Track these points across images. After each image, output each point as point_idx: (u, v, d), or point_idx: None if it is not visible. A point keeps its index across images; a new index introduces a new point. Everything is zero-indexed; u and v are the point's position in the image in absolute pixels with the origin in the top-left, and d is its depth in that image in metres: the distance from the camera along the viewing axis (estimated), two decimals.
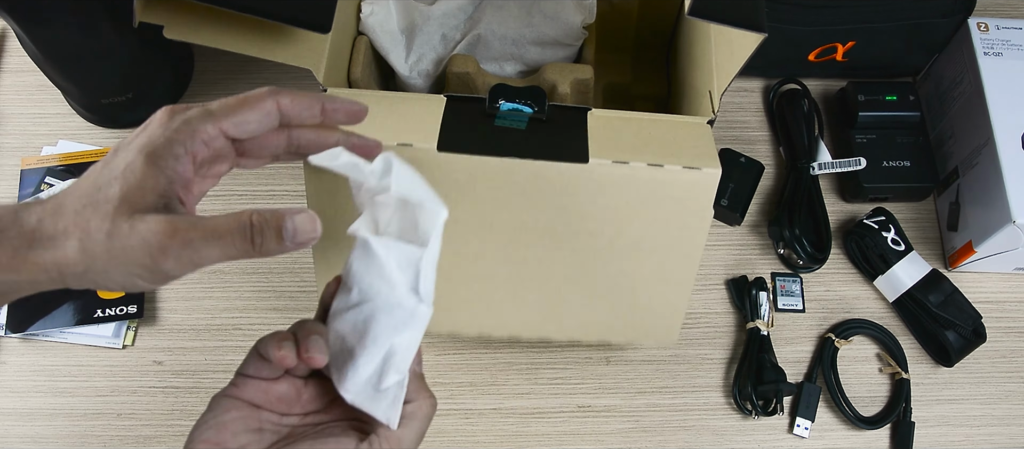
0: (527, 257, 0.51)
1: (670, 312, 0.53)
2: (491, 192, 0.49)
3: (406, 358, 0.37)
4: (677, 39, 0.67)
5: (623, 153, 0.47)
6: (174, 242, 0.33)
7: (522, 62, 0.61)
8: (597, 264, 0.51)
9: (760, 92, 0.73)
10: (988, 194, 0.61)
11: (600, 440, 0.59)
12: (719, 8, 0.41)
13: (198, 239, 0.33)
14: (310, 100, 0.39)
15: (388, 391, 0.37)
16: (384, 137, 0.47)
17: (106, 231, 0.33)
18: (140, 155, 0.34)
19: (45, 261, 0.33)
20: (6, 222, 0.34)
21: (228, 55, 0.72)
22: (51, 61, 0.63)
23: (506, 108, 0.50)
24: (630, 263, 0.51)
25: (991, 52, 0.64)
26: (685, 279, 0.51)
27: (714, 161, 0.47)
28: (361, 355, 0.37)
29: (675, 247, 0.50)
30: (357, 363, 0.37)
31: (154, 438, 0.59)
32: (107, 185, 0.34)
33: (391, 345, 0.37)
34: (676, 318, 0.53)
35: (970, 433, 0.60)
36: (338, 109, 0.40)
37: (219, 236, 0.33)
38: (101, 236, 0.33)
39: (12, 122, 0.70)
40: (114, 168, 0.34)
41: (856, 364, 0.62)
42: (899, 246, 0.63)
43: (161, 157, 0.34)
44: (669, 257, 0.51)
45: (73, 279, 0.34)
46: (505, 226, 0.50)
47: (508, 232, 0.51)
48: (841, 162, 0.66)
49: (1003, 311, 0.65)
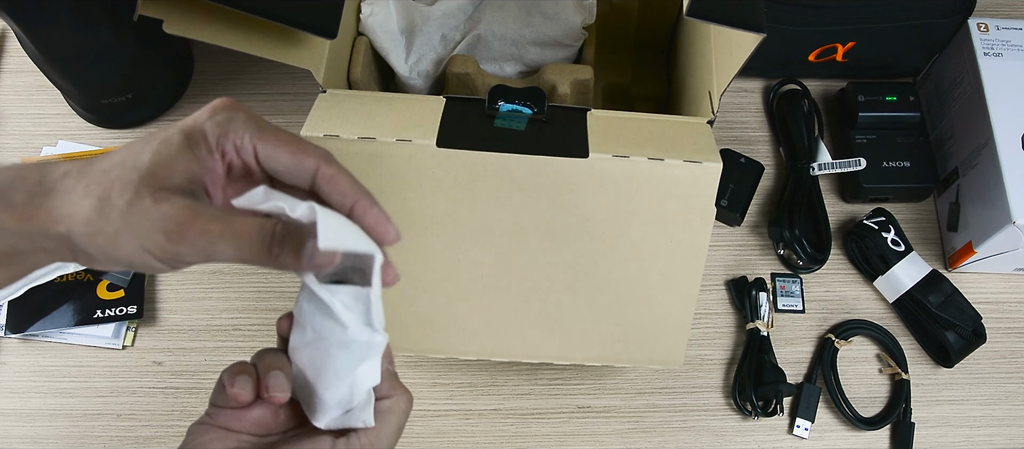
0: (527, 264, 0.50)
1: (675, 328, 0.52)
2: (490, 190, 0.48)
3: (371, 380, 0.37)
4: (677, 39, 0.67)
5: (623, 148, 0.47)
6: (193, 229, 0.32)
7: (522, 62, 0.61)
8: (599, 271, 0.50)
9: (760, 92, 0.73)
10: (988, 194, 0.60)
11: (600, 441, 0.59)
12: (717, 8, 0.41)
13: (217, 233, 0.32)
14: (349, 189, 0.36)
15: (357, 406, 0.38)
16: (383, 134, 0.47)
17: (128, 199, 0.32)
18: (180, 133, 0.34)
19: (59, 212, 0.32)
20: (29, 172, 0.33)
21: (228, 56, 0.73)
22: (51, 61, 0.63)
23: (506, 109, 0.49)
24: (633, 268, 0.50)
25: (991, 52, 0.64)
26: (690, 290, 0.50)
27: (715, 156, 0.47)
28: (325, 390, 0.37)
29: (678, 250, 0.49)
30: (323, 398, 0.37)
31: (154, 439, 0.59)
32: (139, 154, 0.33)
33: (354, 376, 0.37)
34: (681, 335, 0.52)
35: (970, 434, 0.60)
36: (367, 216, 0.36)
37: (238, 236, 0.33)
38: (121, 202, 0.32)
39: (12, 122, 0.70)
40: (151, 140, 0.34)
41: (856, 365, 0.62)
42: (899, 247, 0.63)
43: (197, 144, 0.34)
44: (672, 261, 0.50)
45: (81, 238, 0.32)
46: (504, 228, 0.50)
47: (507, 235, 0.50)
48: (841, 162, 0.66)
49: (1003, 311, 0.65)
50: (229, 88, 0.72)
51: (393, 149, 0.47)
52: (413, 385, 0.60)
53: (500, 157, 0.47)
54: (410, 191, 0.49)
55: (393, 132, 0.47)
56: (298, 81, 0.72)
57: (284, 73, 0.73)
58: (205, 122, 0.34)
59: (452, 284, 0.50)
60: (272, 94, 0.72)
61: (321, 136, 0.47)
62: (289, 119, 0.70)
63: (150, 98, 0.69)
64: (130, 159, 0.33)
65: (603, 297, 0.51)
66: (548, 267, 0.51)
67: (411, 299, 0.51)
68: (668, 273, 0.50)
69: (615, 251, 0.50)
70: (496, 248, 0.50)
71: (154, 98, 0.69)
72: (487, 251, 0.50)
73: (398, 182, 0.48)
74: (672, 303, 0.51)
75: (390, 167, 0.48)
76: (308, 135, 0.47)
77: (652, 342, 0.52)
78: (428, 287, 0.50)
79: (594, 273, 0.50)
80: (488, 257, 0.50)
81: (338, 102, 0.49)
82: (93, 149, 0.67)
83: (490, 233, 0.50)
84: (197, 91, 0.72)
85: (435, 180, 0.48)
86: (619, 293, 0.51)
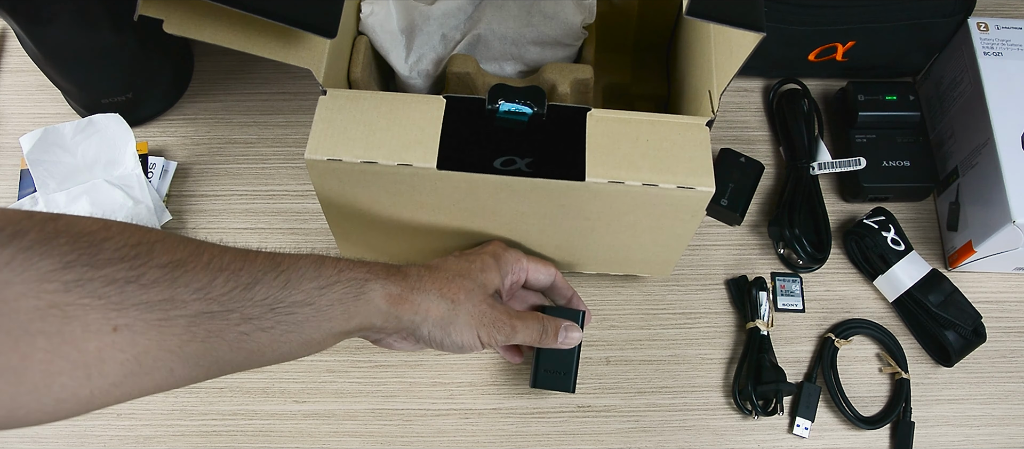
0: (527, 234, 0.54)
1: (666, 254, 0.57)
2: (490, 197, 0.50)
3: None
4: (677, 39, 0.67)
5: (619, 168, 0.48)
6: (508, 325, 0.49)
7: (522, 62, 0.61)
8: (594, 237, 0.54)
9: (760, 92, 0.73)
10: (988, 194, 0.60)
11: (600, 440, 0.59)
12: (717, 8, 0.41)
13: (520, 328, 0.49)
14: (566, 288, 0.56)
15: None
16: (383, 151, 0.48)
17: (473, 302, 0.47)
18: (492, 258, 0.51)
19: (421, 307, 0.45)
20: (403, 272, 0.46)
21: (227, 56, 0.73)
22: (51, 61, 0.63)
23: (506, 108, 0.50)
24: (625, 236, 0.54)
25: (991, 52, 0.64)
26: (679, 242, 0.55)
27: (709, 176, 0.48)
28: None
29: (668, 231, 0.53)
30: None
31: (154, 438, 0.59)
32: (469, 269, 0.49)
33: None
34: (671, 258, 0.58)
35: (970, 433, 0.60)
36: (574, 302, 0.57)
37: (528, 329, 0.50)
38: (469, 304, 0.47)
39: (12, 122, 0.70)
40: (474, 259, 0.50)
41: (856, 364, 0.62)
42: (899, 246, 0.63)
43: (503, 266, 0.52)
44: (660, 236, 0.53)
45: (431, 325, 0.46)
46: (504, 220, 0.52)
47: (507, 222, 0.53)
48: (841, 162, 0.66)
49: (1003, 311, 0.65)
50: (229, 88, 0.72)
51: (394, 170, 0.48)
52: (413, 384, 0.60)
53: (500, 179, 0.48)
54: (414, 194, 0.50)
55: (394, 153, 0.48)
56: (298, 81, 0.72)
57: (284, 73, 0.73)
58: (501, 253, 0.52)
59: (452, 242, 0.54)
60: (272, 94, 0.72)
61: (325, 160, 0.48)
62: (289, 119, 0.70)
63: (150, 98, 0.69)
64: (465, 271, 0.48)
65: (596, 248, 0.56)
66: (546, 236, 0.55)
67: None
68: (658, 239, 0.54)
69: (608, 226, 0.53)
70: (496, 225, 0.53)
71: (154, 98, 0.69)
72: (490, 228, 0.54)
73: (403, 188, 0.50)
74: (663, 248, 0.56)
75: (393, 180, 0.49)
76: (312, 159, 0.48)
77: (643, 262, 0.59)
78: None
79: (590, 240, 0.55)
80: (490, 230, 0.54)
81: (339, 108, 0.49)
82: None
83: (491, 218, 0.53)
84: (197, 91, 0.72)
85: (437, 190, 0.50)
86: (612, 247, 0.56)
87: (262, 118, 0.71)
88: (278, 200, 0.67)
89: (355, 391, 0.60)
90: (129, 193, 0.64)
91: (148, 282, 0.35)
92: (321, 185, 0.50)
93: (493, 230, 0.54)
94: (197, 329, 0.36)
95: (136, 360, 0.34)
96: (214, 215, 0.66)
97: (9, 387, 0.31)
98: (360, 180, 0.49)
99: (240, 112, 0.71)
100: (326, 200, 0.52)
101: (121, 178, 0.65)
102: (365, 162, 0.48)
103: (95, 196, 0.63)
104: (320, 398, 0.60)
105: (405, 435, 0.59)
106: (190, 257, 0.37)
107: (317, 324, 0.41)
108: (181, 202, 0.67)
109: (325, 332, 0.42)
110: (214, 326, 0.37)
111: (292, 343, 0.41)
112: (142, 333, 0.34)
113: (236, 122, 0.71)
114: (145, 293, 0.34)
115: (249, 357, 0.39)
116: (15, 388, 0.31)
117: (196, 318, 0.36)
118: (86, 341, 0.33)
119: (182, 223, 0.66)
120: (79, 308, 0.32)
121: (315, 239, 0.65)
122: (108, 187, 0.64)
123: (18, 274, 0.31)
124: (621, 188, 0.48)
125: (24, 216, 0.33)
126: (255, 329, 0.38)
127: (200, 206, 0.67)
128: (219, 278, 0.37)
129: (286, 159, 0.69)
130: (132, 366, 0.34)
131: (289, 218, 0.66)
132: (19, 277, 0.31)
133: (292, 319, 0.40)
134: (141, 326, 0.34)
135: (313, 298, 0.41)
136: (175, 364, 0.36)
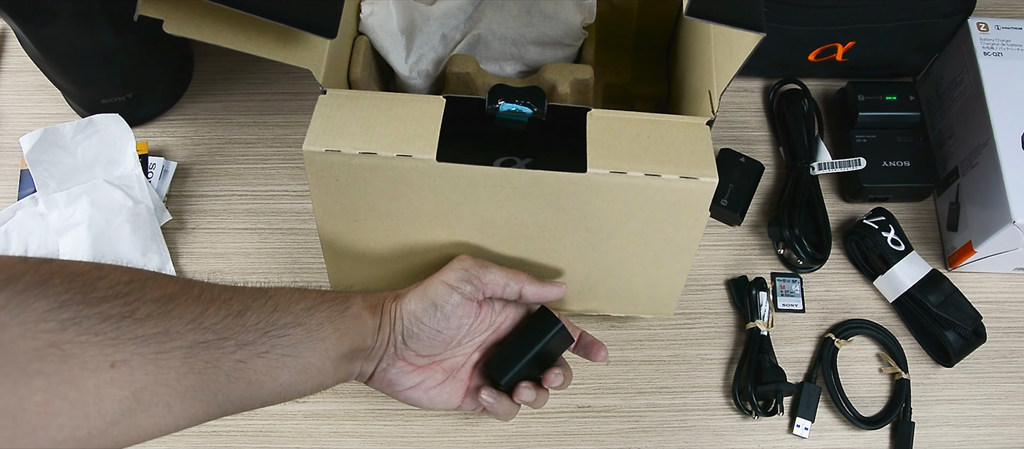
0: (526, 251, 0.53)
1: (668, 288, 0.55)
2: (490, 196, 0.49)
3: None
4: (677, 39, 0.67)
5: (621, 161, 0.47)
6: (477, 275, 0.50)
7: (522, 62, 0.61)
8: (595, 254, 0.53)
9: (760, 92, 0.73)
10: (988, 194, 0.60)
11: (600, 440, 0.59)
12: (717, 8, 0.41)
13: (477, 267, 0.50)
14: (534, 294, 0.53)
15: None
16: (383, 146, 0.48)
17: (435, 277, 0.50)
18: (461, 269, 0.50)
19: (401, 305, 0.48)
20: (381, 296, 0.49)
21: (227, 56, 0.73)
22: (51, 61, 0.63)
23: (506, 108, 0.50)
24: (628, 252, 0.52)
25: (991, 52, 0.64)
26: (682, 264, 0.53)
27: (711, 169, 0.47)
28: None
29: (671, 241, 0.51)
30: None
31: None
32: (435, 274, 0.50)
33: None
34: (674, 293, 0.56)
35: (970, 433, 0.60)
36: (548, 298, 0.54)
37: (492, 268, 0.51)
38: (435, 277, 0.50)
39: (12, 122, 0.70)
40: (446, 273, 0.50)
41: (856, 364, 0.62)
42: (899, 246, 0.63)
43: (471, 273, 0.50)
44: (665, 249, 0.52)
45: (408, 318, 0.48)
46: (504, 224, 0.51)
47: (507, 229, 0.51)
48: (841, 162, 0.66)
49: (1003, 311, 0.65)
50: (229, 88, 0.72)
51: (394, 162, 0.48)
52: None
53: (500, 172, 0.48)
54: (413, 194, 0.50)
55: (394, 145, 0.48)
56: (298, 81, 0.72)
57: (284, 73, 0.73)
58: (469, 265, 0.51)
59: None
60: (272, 94, 0.72)
61: (323, 151, 0.47)
62: (289, 119, 0.70)
63: (150, 98, 0.69)
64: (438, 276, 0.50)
65: (599, 271, 0.54)
66: (547, 255, 0.53)
67: None
68: (661, 255, 0.52)
69: (611, 239, 0.51)
70: (495, 239, 0.52)
71: (154, 98, 0.69)
72: (488, 242, 0.52)
73: (401, 188, 0.49)
74: (664, 272, 0.54)
75: (392, 175, 0.49)
76: (310, 150, 0.48)
77: (645, 300, 0.57)
78: (430, 273, 0.51)
79: (591, 256, 0.53)
80: (490, 247, 0.53)
81: (338, 106, 0.49)
82: None
83: (491, 227, 0.51)
84: (197, 91, 0.72)
85: (436, 187, 0.49)
86: (615, 268, 0.54)
87: (262, 118, 0.71)
88: (278, 200, 0.67)
89: (355, 391, 0.60)
90: (129, 193, 0.64)
91: (142, 316, 0.35)
92: (317, 182, 0.50)
93: (491, 246, 0.53)
94: (193, 361, 0.37)
95: (134, 396, 0.35)
96: (214, 215, 0.66)
97: (6, 430, 0.31)
98: (358, 176, 0.49)
99: (240, 112, 0.71)
100: (321, 207, 0.51)
101: (121, 178, 0.65)
102: (364, 153, 0.47)
103: (95, 196, 0.63)
104: (320, 398, 0.60)
105: (405, 435, 0.59)
106: (181, 291, 0.38)
107: (311, 345, 0.42)
108: (181, 202, 0.67)
109: (320, 354, 0.43)
110: (210, 355, 0.37)
111: (289, 369, 0.41)
112: (139, 368, 0.35)
113: (236, 122, 0.71)
114: (140, 327, 0.35)
115: (248, 388, 0.40)
116: (12, 431, 0.31)
117: (192, 349, 0.37)
118: (84, 379, 0.33)
119: (182, 223, 0.66)
120: (77, 346, 0.33)
121: (315, 239, 0.65)
122: (108, 187, 0.64)
123: (14, 316, 0.32)
124: (623, 181, 0.47)
125: (18, 260, 0.34)
126: (251, 355, 0.39)
127: (200, 206, 0.67)
128: (210, 308, 0.38)
129: (286, 159, 0.69)
130: (130, 403, 0.34)
131: (289, 218, 0.66)
132: (16, 319, 0.32)
133: (285, 341, 0.41)
134: (138, 361, 0.35)
135: (302, 319, 0.42)
136: (172, 399, 0.36)
